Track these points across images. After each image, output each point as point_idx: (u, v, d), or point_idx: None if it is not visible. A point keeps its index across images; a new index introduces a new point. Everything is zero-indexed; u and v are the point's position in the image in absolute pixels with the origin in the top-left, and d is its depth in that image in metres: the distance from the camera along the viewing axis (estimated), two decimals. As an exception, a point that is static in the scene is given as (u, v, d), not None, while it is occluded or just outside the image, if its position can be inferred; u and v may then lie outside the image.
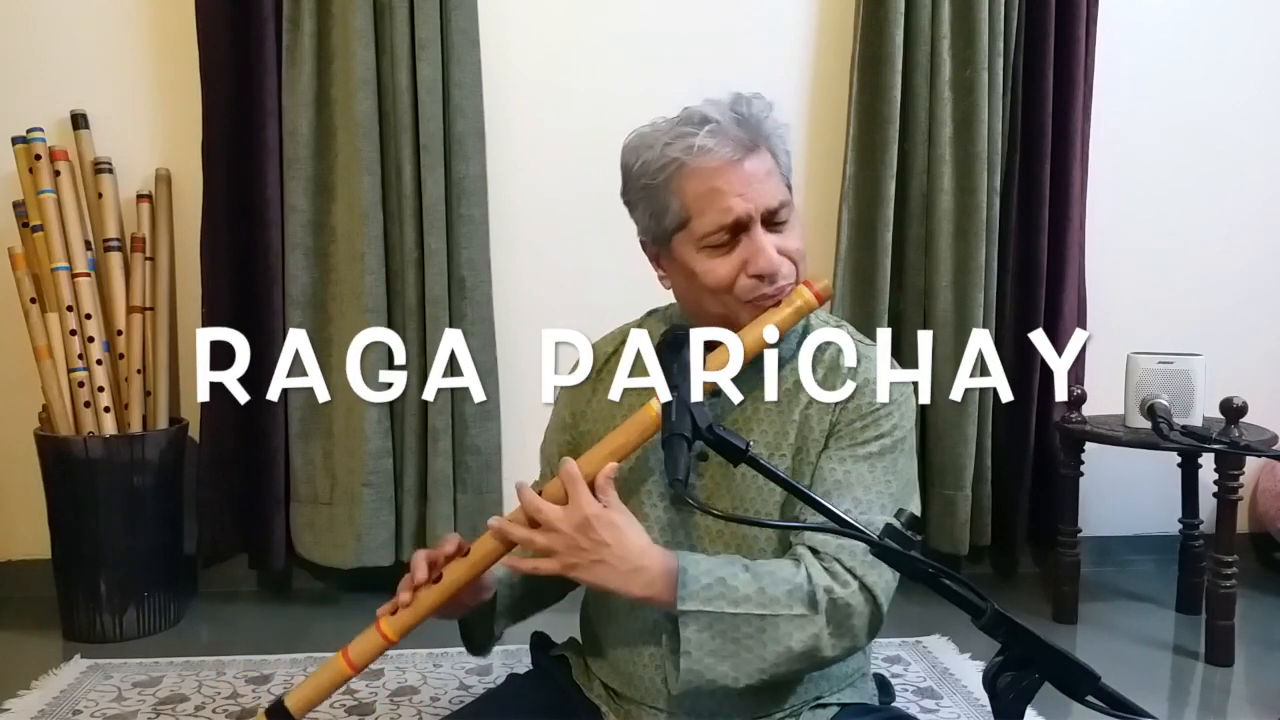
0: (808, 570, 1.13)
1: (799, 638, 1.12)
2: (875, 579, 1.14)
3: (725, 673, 1.12)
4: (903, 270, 2.61)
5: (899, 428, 1.21)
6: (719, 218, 1.16)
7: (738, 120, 1.18)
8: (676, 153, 1.17)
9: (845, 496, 1.16)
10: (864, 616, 1.14)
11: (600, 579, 1.11)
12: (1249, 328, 2.82)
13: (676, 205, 1.18)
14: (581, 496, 1.11)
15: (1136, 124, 2.75)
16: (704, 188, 1.16)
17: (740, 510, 1.20)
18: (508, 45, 2.53)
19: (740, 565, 1.14)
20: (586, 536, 1.10)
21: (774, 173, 1.20)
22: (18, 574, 2.54)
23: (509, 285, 2.57)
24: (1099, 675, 0.82)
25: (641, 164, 1.20)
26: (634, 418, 1.16)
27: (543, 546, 1.13)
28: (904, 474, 1.22)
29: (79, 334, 2.29)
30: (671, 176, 1.17)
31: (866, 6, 2.53)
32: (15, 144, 2.33)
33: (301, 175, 2.42)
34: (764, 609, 1.11)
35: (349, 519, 2.46)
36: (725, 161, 1.16)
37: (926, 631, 2.32)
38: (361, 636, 1.23)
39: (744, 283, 1.18)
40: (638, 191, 1.22)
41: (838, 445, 1.20)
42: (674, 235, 1.20)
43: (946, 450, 2.58)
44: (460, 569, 1.19)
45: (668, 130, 1.19)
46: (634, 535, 1.13)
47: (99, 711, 1.92)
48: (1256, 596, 2.60)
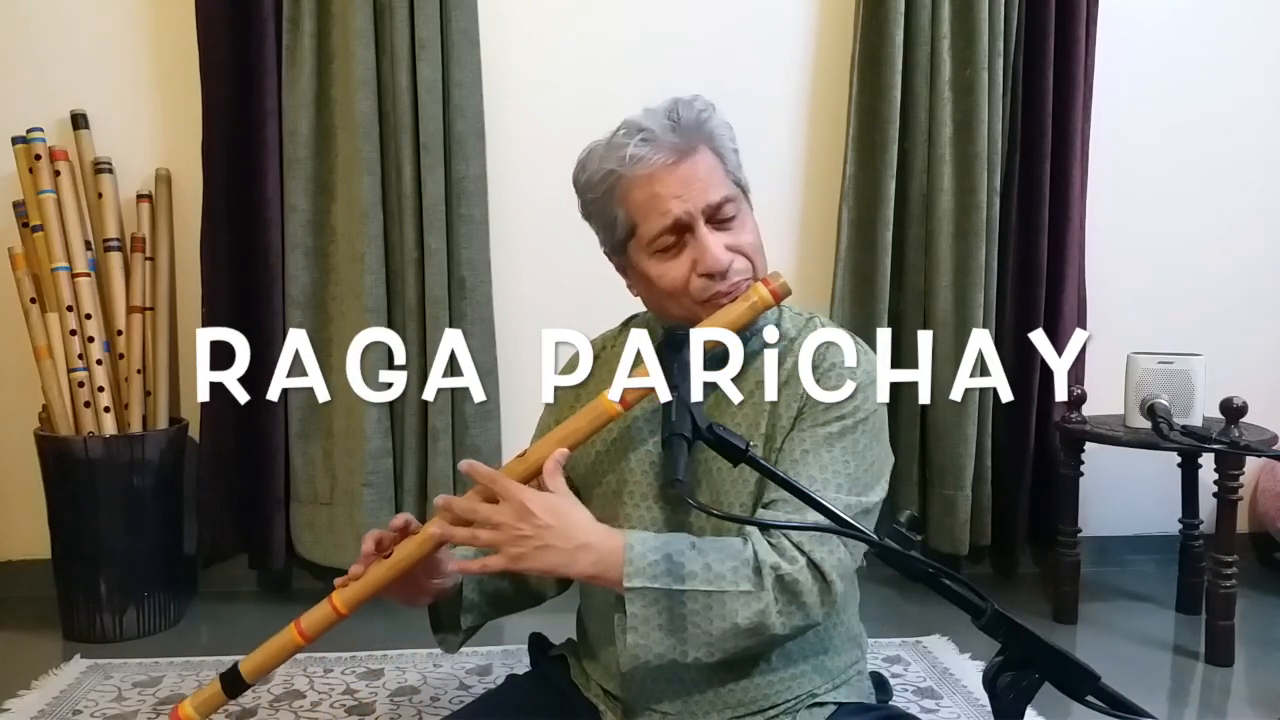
0: (754, 547, 1.14)
1: (745, 614, 1.12)
2: (824, 555, 1.14)
3: (672, 645, 1.12)
4: (903, 270, 2.61)
5: (861, 409, 1.21)
6: (660, 221, 1.19)
7: (672, 126, 1.20)
8: (612, 164, 1.21)
9: (800, 474, 1.17)
10: (813, 593, 1.14)
11: (548, 564, 1.12)
12: (1249, 328, 2.82)
13: (622, 215, 1.22)
14: (509, 488, 1.13)
15: (1136, 124, 2.75)
16: (644, 194, 1.20)
17: (717, 503, 1.21)
18: (508, 45, 2.53)
19: (687, 542, 1.15)
20: (528, 523, 1.11)
21: (715, 171, 1.22)
22: (18, 574, 2.54)
23: (509, 285, 2.57)
24: (1099, 675, 0.82)
25: (585, 179, 1.25)
26: (588, 406, 1.18)
27: (487, 542, 1.13)
28: (865, 456, 1.21)
29: (79, 334, 2.29)
30: (613, 188, 1.22)
31: (866, 6, 2.53)
32: (15, 144, 2.33)
33: (301, 175, 2.42)
34: (710, 585, 1.12)
35: (349, 519, 2.46)
36: (659, 167, 1.19)
37: (926, 631, 2.32)
38: (314, 609, 1.24)
39: (696, 283, 1.20)
40: (588, 206, 1.27)
41: (800, 426, 1.21)
42: (627, 244, 1.24)
43: (946, 450, 2.58)
44: (410, 546, 1.20)
45: (605, 144, 1.23)
46: (576, 515, 1.14)
47: (99, 711, 1.92)
48: (1256, 596, 2.60)
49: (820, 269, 2.62)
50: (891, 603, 2.49)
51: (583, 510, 1.15)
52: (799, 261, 2.67)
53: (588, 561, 1.12)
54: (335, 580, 1.24)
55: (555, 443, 1.17)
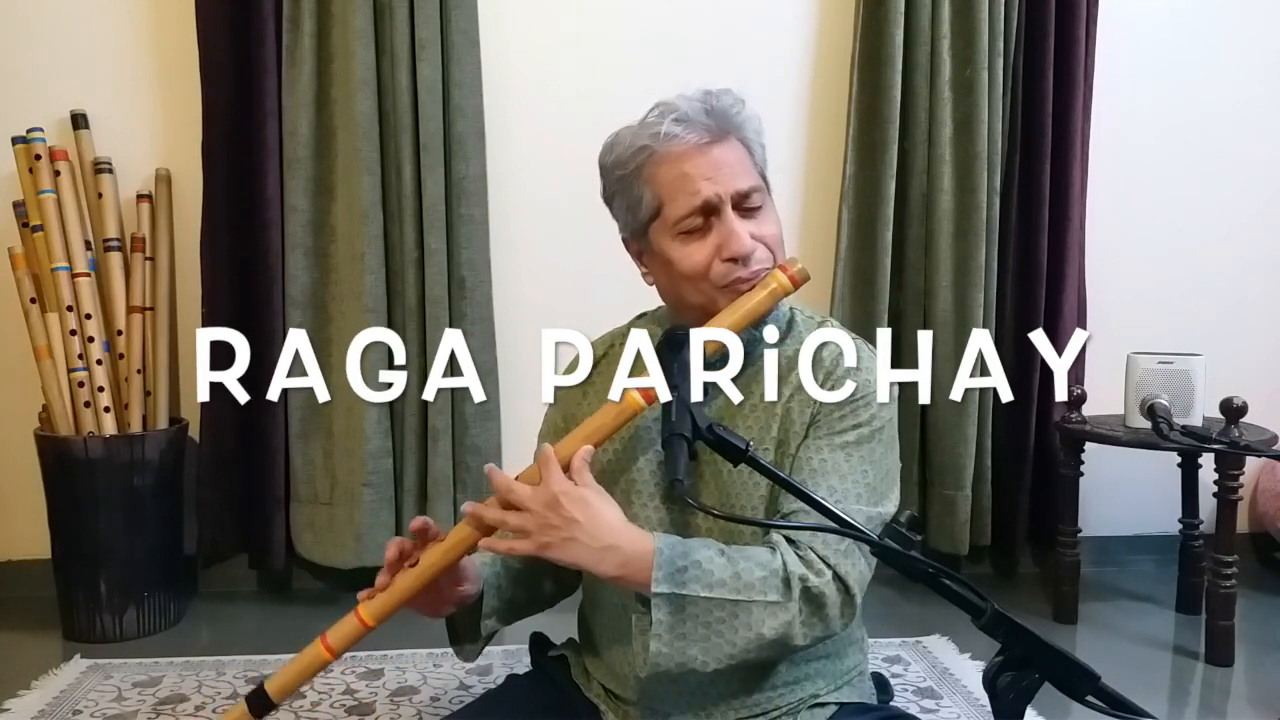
0: (783, 557, 1.14)
1: (771, 624, 1.12)
2: (849, 568, 1.15)
3: (694, 656, 1.12)
4: (903, 270, 2.60)
5: (877, 418, 1.22)
6: (689, 200, 1.19)
7: (706, 110, 1.21)
8: (645, 140, 1.20)
9: (821, 485, 1.17)
10: (836, 605, 1.15)
11: (573, 556, 1.11)
12: (1249, 328, 2.82)
13: (649, 194, 1.21)
14: (553, 474, 1.12)
15: (1136, 124, 2.75)
16: (674, 173, 1.20)
17: (726, 505, 1.21)
18: (508, 45, 2.53)
19: (716, 549, 1.14)
20: (557, 514, 1.11)
21: (744, 161, 1.23)
22: (18, 574, 2.54)
23: (509, 285, 2.57)
24: (1099, 675, 0.82)
25: (614, 158, 1.24)
26: (611, 403, 1.17)
27: (516, 526, 1.13)
28: (881, 464, 1.22)
29: (79, 334, 2.29)
30: (643, 165, 1.21)
31: (866, 6, 2.53)
32: (15, 144, 2.33)
33: (301, 175, 2.42)
34: (738, 594, 1.11)
35: (349, 519, 2.46)
36: (693, 146, 1.19)
37: (926, 631, 2.32)
38: (340, 623, 1.23)
39: (719, 268, 1.20)
40: (613, 185, 1.26)
41: (816, 434, 1.21)
42: (650, 225, 1.23)
43: (946, 450, 2.58)
44: (435, 554, 1.19)
45: (637, 124, 1.23)
46: (608, 513, 1.13)
47: (99, 711, 1.92)
48: (1256, 596, 2.60)
49: (820, 269, 2.62)
50: (891, 603, 2.49)
51: (614, 508, 1.14)
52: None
53: (614, 563, 1.11)
54: (359, 594, 1.23)
55: (581, 439, 1.16)
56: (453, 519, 2.47)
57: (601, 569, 1.12)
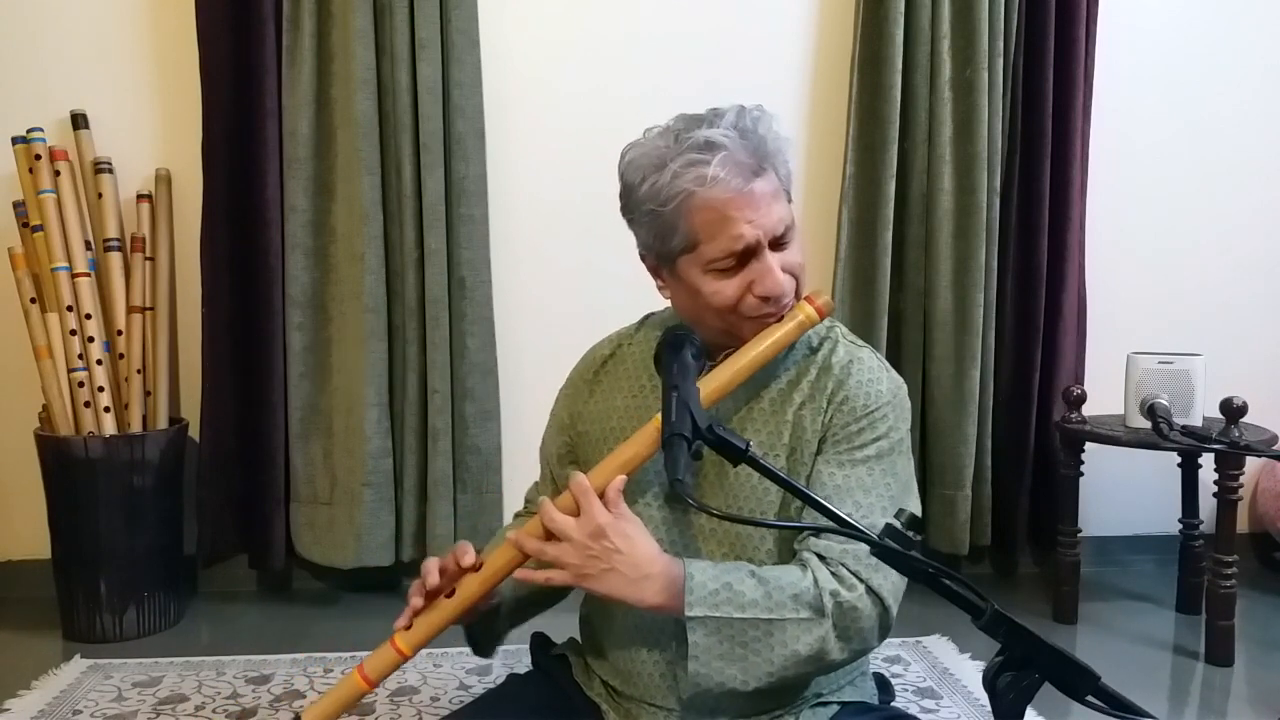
0: (814, 575, 1.14)
1: (805, 641, 1.12)
2: (881, 581, 1.15)
3: (733, 675, 1.13)
4: (903, 270, 2.60)
5: (895, 429, 1.22)
6: (729, 244, 1.16)
7: (744, 143, 1.16)
8: (688, 184, 1.14)
9: (846, 501, 1.17)
10: (871, 619, 1.15)
11: (612, 588, 1.12)
12: (1249, 328, 2.82)
13: (685, 229, 1.17)
14: (594, 507, 1.12)
15: (1136, 124, 2.76)
16: (714, 215, 1.15)
17: (735, 510, 1.21)
18: (508, 45, 2.53)
19: (746, 570, 1.15)
20: (599, 544, 1.11)
21: (778, 190, 1.19)
22: (18, 574, 2.54)
23: (509, 285, 2.57)
24: (1099, 675, 0.82)
25: (650, 188, 1.17)
26: (643, 430, 1.17)
27: (555, 557, 1.13)
28: (902, 475, 1.23)
29: (79, 334, 2.29)
30: (681, 204, 1.16)
31: (866, 6, 2.53)
32: (15, 144, 2.34)
33: (301, 175, 2.42)
34: (770, 613, 1.12)
35: (349, 519, 2.46)
36: (736, 192, 1.14)
37: (926, 631, 2.32)
38: (376, 652, 1.23)
39: (749, 301, 1.19)
40: (643, 214, 1.20)
41: (835, 450, 1.20)
42: (679, 257, 1.20)
43: (946, 450, 2.58)
44: (474, 584, 1.20)
45: (675, 154, 1.16)
46: (645, 543, 1.13)
47: (99, 711, 1.92)
48: (1256, 596, 2.60)
49: (820, 269, 2.62)
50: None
51: (649, 539, 1.15)
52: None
53: (650, 591, 1.12)
54: (396, 623, 1.22)
55: (615, 469, 1.16)
56: (453, 519, 2.47)
57: (641, 598, 1.12)
